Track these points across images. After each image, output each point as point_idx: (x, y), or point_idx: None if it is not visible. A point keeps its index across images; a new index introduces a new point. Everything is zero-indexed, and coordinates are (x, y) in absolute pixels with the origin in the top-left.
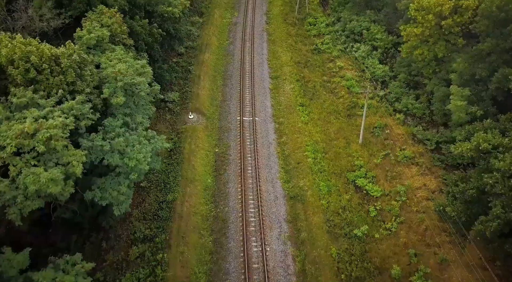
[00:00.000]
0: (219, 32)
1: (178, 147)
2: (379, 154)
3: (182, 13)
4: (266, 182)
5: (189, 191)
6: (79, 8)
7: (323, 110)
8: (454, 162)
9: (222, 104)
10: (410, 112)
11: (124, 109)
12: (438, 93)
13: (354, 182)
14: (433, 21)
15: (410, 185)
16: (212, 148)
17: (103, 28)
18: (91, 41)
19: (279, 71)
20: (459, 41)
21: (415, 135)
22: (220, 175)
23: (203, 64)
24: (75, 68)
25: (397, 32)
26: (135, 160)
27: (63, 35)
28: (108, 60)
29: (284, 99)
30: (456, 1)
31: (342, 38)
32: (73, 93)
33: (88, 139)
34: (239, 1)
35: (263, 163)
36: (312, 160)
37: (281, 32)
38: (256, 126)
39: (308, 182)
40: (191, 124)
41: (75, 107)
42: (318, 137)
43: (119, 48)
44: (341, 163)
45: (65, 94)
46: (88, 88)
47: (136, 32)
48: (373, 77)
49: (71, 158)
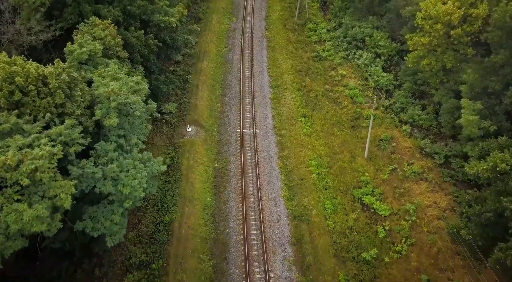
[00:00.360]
0: (217, 39)
1: (176, 163)
2: (385, 168)
3: (179, 22)
4: (268, 200)
5: (188, 210)
6: (71, 20)
7: (326, 121)
8: (465, 178)
9: (221, 115)
10: (416, 123)
11: (118, 131)
12: (446, 105)
13: (361, 200)
14: (442, 30)
15: (420, 203)
16: (211, 162)
17: (95, 41)
18: (83, 56)
19: (279, 80)
20: (469, 51)
21: (423, 148)
22: (220, 192)
23: (201, 73)
24: (64, 89)
25: (401, 39)
26: (129, 186)
27: (54, 48)
28: (100, 78)
29: (286, 109)
30: (466, 9)
31: (343, 44)
32: (62, 116)
33: (78, 166)
34: (237, 6)
35: (265, 179)
36: (316, 176)
37: (281, 38)
38: (257, 139)
39: (312, 200)
40: (189, 137)
41: (63, 133)
42: (322, 151)
43: (113, 62)
44: (347, 179)
45: (53, 117)
46: (79, 110)
47: (131, 44)
48: (377, 85)
49: (58, 190)
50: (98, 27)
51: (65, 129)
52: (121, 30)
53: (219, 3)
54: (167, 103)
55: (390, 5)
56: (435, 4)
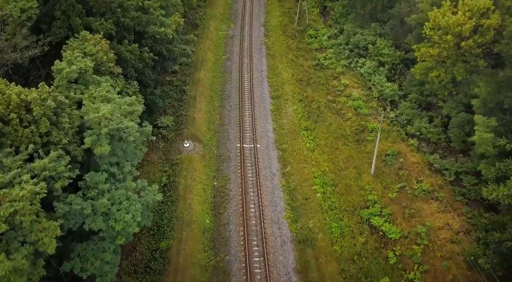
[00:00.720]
0: (215, 46)
1: (173, 182)
2: (393, 186)
3: (175, 32)
4: (271, 222)
5: (186, 235)
6: (60, 34)
7: (329, 134)
8: (478, 197)
9: (220, 128)
10: (424, 136)
11: (109, 158)
12: (456, 119)
13: (369, 221)
14: (452, 42)
15: (431, 224)
16: (210, 180)
17: (86, 58)
18: (72, 75)
19: (280, 90)
20: (480, 63)
21: (432, 164)
22: (219, 214)
23: (199, 83)
24: (49, 115)
25: (405, 47)
26: (122, 222)
27: (43, 63)
28: (91, 100)
29: (287, 122)
30: (477, 20)
31: (345, 52)
32: (47, 145)
33: (65, 202)
34: (235, 12)
35: (267, 199)
36: (321, 195)
37: (281, 46)
38: (258, 155)
39: (318, 222)
40: (186, 153)
41: (48, 166)
42: (326, 167)
43: (105, 80)
44: (353, 198)
45: (37, 148)
46: (66, 138)
47: (125, 59)
48: (381, 96)
49: (41, 233)
50: (89, 43)
51: (50, 163)
52: (114, 44)
53: (217, 9)
54: (163, 117)
55: (393, 11)
56: (444, 14)
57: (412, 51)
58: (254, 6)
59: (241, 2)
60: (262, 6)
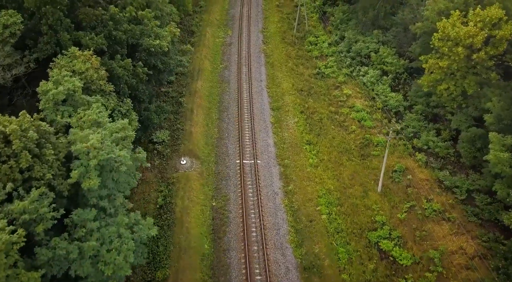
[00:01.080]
0: (212, 54)
1: (169, 203)
2: (402, 206)
3: (171, 42)
4: (274, 248)
5: (183, 263)
6: (47, 51)
7: (333, 149)
8: (492, 217)
9: (219, 143)
10: (431, 150)
11: (99, 191)
12: (466, 134)
13: (378, 245)
14: (463, 54)
15: (444, 248)
16: (208, 201)
17: (75, 77)
18: (59, 97)
19: (280, 101)
20: (493, 76)
21: (442, 181)
22: (219, 238)
23: (196, 95)
24: (31, 148)
25: (409, 56)
26: (112, 264)
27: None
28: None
29: (288, 135)
30: (489, 31)
31: (347, 60)
32: (29, 181)
33: (48, 247)
34: (232, 18)
35: (270, 222)
36: (327, 216)
37: (280, 53)
38: (259, 172)
39: (324, 246)
40: (183, 171)
41: (28, 209)
42: (331, 185)
43: (95, 100)
44: (360, 219)
45: (17, 185)
46: (51, 172)
47: (117, 75)
48: (385, 106)
49: None
50: (78, 60)
51: (30, 204)
52: (106, 59)
53: (213, 15)
54: (159, 131)
55: (396, 18)
56: (453, 24)
57: (416, 60)
58: (252, 11)
59: (239, 8)
60: (259, 11)
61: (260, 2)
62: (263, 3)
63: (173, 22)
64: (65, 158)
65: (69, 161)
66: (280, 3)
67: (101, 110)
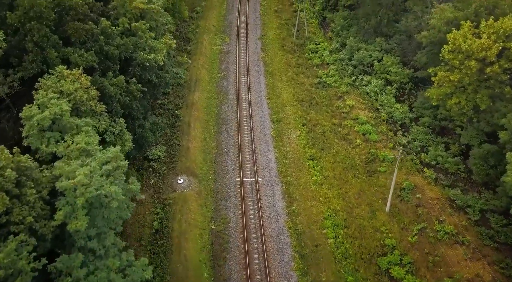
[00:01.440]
0: (210, 63)
1: (166, 227)
2: (412, 227)
3: (167, 55)
4: (278, 276)
5: None
6: (32, 69)
7: (337, 164)
8: (508, 240)
9: (218, 159)
10: (440, 166)
11: (88, 231)
12: (479, 150)
13: (388, 272)
14: (475, 67)
15: (460, 276)
16: (207, 223)
17: (62, 99)
18: (45, 123)
19: (281, 113)
20: (507, 91)
21: (453, 200)
22: (219, 266)
23: (193, 107)
24: (9, 189)
25: (414, 65)
26: None
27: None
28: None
29: (290, 150)
30: (503, 43)
31: (349, 68)
32: (6, 226)
33: None
34: (229, 24)
35: (273, 247)
36: (333, 240)
37: (280, 62)
38: (260, 191)
39: (331, 274)
40: (180, 191)
41: (5, 263)
42: (337, 205)
43: (85, 123)
44: (369, 243)
45: None
46: (32, 213)
47: (109, 94)
48: (390, 118)
49: None
50: (67, 80)
51: (6, 257)
52: (97, 77)
53: (210, 21)
54: (154, 147)
55: (400, 26)
56: (465, 36)
57: (422, 69)
58: (250, 17)
59: (236, 13)
60: (257, 17)
61: (258, 8)
62: (261, 8)
63: (169, 33)
64: (49, 194)
65: (53, 197)
66: (278, 8)
67: (91, 134)
